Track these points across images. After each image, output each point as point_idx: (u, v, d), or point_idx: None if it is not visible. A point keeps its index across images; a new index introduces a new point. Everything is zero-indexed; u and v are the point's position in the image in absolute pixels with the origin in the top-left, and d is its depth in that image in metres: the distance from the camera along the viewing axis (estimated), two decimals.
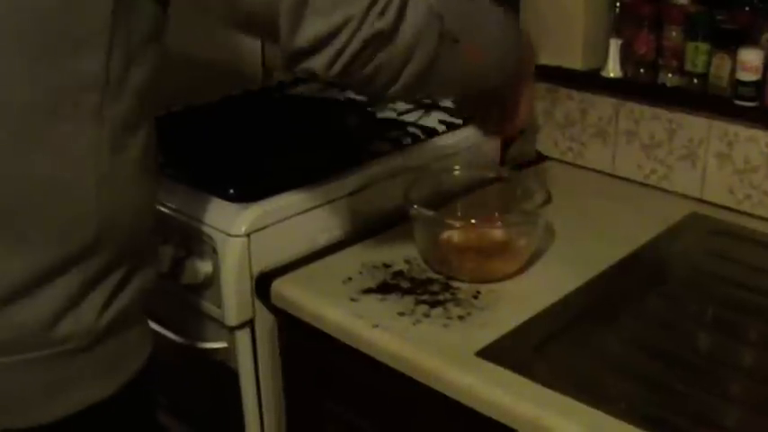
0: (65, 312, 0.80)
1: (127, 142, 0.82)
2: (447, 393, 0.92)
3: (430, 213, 1.09)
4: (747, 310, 1.09)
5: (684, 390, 0.91)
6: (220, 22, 0.97)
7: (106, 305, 0.83)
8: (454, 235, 1.10)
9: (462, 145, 1.40)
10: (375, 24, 0.76)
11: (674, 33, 1.29)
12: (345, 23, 0.75)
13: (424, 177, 1.19)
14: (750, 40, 1.21)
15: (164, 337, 1.22)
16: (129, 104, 0.80)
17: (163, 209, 1.19)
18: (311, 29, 0.75)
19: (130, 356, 0.89)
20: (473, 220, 1.13)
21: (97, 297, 0.82)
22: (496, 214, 1.17)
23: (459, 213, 1.18)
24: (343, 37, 0.76)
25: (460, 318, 1.00)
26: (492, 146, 1.46)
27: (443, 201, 1.18)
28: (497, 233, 1.11)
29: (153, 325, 1.23)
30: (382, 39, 0.77)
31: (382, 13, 0.76)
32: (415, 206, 1.09)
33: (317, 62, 0.77)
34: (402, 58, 0.80)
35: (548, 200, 1.10)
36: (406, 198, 1.11)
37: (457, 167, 1.26)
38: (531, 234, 1.10)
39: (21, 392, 0.80)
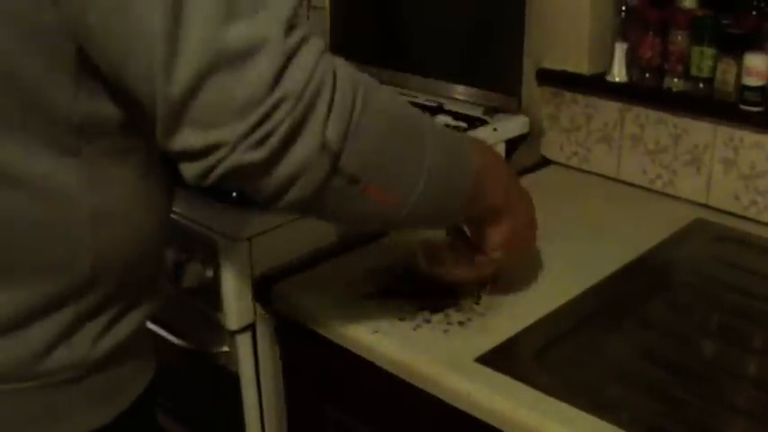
0: (57, 344, 0.78)
1: (115, 175, 0.78)
2: (446, 400, 0.91)
3: None
4: (752, 318, 1.08)
5: (688, 399, 0.91)
6: None
7: (101, 336, 0.82)
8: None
9: None
10: (246, 156, 0.70)
11: (679, 38, 1.28)
12: (216, 147, 0.69)
13: None
14: (756, 44, 1.20)
15: (165, 340, 1.22)
16: (109, 139, 0.76)
17: None
18: (183, 140, 0.70)
19: (128, 386, 0.88)
20: None
21: (92, 329, 0.81)
22: None
23: None
24: (212, 159, 0.70)
25: (461, 323, 1.00)
26: (496, 150, 1.45)
27: None
28: None
29: (154, 328, 1.24)
30: (254, 168, 0.71)
31: (259, 144, 0.69)
32: None
33: (188, 171, 0.73)
34: (277, 188, 0.74)
35: None
36: None
37: None
38: None
39: (14, 420, 0.79)
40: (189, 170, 0.72)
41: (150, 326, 1.23)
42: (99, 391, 0.84)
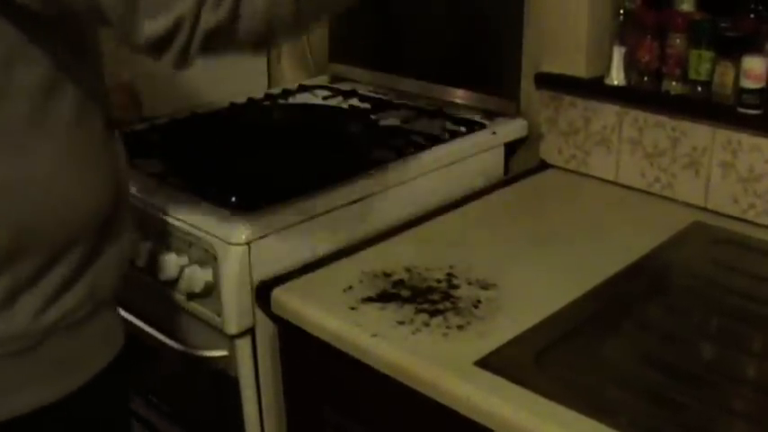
0: None
1: (29, 144, 0.78)
2: (445, 403, 0.92)
3: None
4: (751, 321, 1.08)
5: (687, 402, 0.91)
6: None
7: (45, 307, 0.81)
8: None
9: (466, 153, 1.40)
10: (210, 20, 0.71)
11: (677, 41, 1.28)
12: (179, 25, 0.71)
13: None
14: (754, 47, 1.20)
15: (164, 344, 1.22)
16: (20, 105, 0.77)
17: (164, 217, 1.19)
18: (148, 32, 0.72)
19: (86, 360, 0.88)
20: None
21: (32, 300, 0.81)
22: None
23: None
24: (181, 38, 0.72)
25: (460, 327, 1.00)
26: (495, 154, 1.46)
27: None
28: None
29: (154, 332, 1.24)
30: (225, 29, 0.73)
31: (217, 4, 0.71)
32: None
33: (168, 59, 0.74)
34: (261, 36, 0.75)
35: None
36: None
37: None
38: None
39: None
40: (169, 58, 0.73)
41: (148, 329, 1.24)
42: (50, 364, 0.83)
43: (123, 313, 1.28)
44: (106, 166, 0.87)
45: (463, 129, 1.44)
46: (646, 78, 1.34)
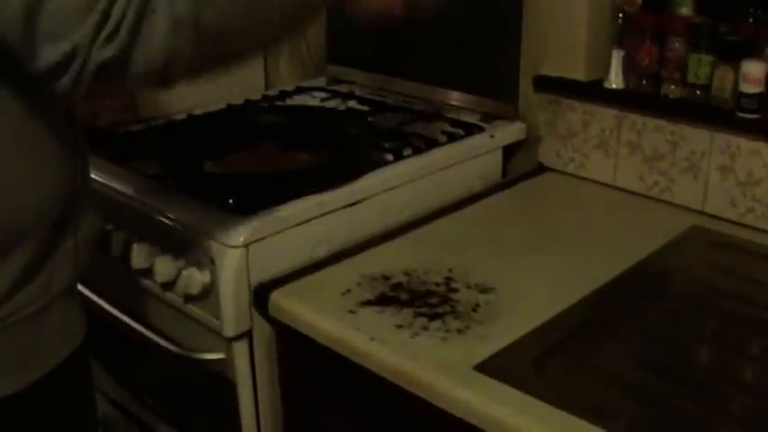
0: None
1: None
2: (444, 407, 0.91)
3: None
4: (749, 325, 1.08)
5: (685, 406, 0.91)
6: None
7: None
8: None
9: (464, 156, 1.40)
10: (102, 54, 0.72)
11: (677, 45, 1.28)
12: (73, 54, 0.72)
13: None
14: (753, 52, 1.20)
15: (161, 347, 1.22)
16: None
17: (161, 219, 1.19)
18: (45, 58, 0.73)
19: (44, 353, 0.88)
20: None
21: None
22: None
23: None
24: (75, 66, 0.73)
25: (459, 331, 0.99)
26: (493, 157, 1.45)
27: None
28: None
29: (150, 334, 1.23)
30: (116, 63, 0.73)
31: (109, 40, 0.72)
32: None
33: (62, 87, 0.75)
34: (153, 74, 0.75)
35: None
36: None
37: None
38: None
39: None
40: (62, 86, 0.74)
41: (145, 331, 1.24)
42: (4, 357, 0.84)
43: (121, 315, 1.28)
44: (60, 160, 0.86)
45: (461, 132, 1.43)
46: (645, 82, 1.33)
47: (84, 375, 0.98)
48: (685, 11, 1.29)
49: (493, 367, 0.93)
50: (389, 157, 1.32)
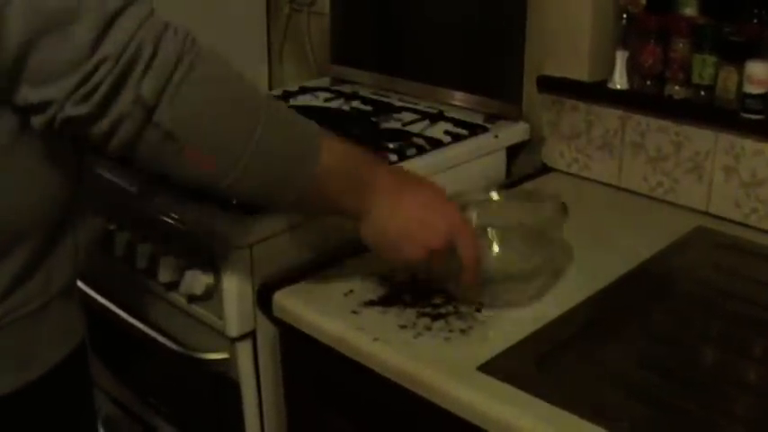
0: None
1: None
2: (448, 408, 0.91)
3: None
4: (753, 326, 1.08)
5: (689, 407, 0.90)
6: None
7: None
8: None
9: (467, 156, 1.40)
10: (73, 110, 0.77)
11: (681, 45, 1.28)
12: (49, 102, 0.77)
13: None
14: (757, 52, 1.20)
15: (165, 347, 1.22)
16: None
17: (165, 219, 1.19)
18: (24, 96, 0.78)
19: (41, 353, 0.89)
20: None
21: None
22: None
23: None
24: (49, 112, 0.78)
25: (462, 331, 0.99)
26: (497, 158, 1.45)
27: None
28: None
29: (154, 334, 1.24)
30: (82, 120, 0.79)
31: (83, 100, 0.77)
32: None
33: (35, 122, 0.80)
34: (103, 136, 0.80)
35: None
36: None
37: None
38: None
39: None
40: (35, 121, 0.79)
41: (149, 331, 1.24)
42: (3, 355, 0.85)
43: (125, 315, 1.28)
44: (60, 161, 0.88)
45: (465, 132, 1.43)
46: (648, 82, 1.33)
47: (83, 375, 0.98)
48: (689, 11, 1.29)
49: (496, 367, 0.93)
50: (393, 157, 1.32)
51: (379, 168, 0.99)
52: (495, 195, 1.16)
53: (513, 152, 1.48)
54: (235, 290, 1.11)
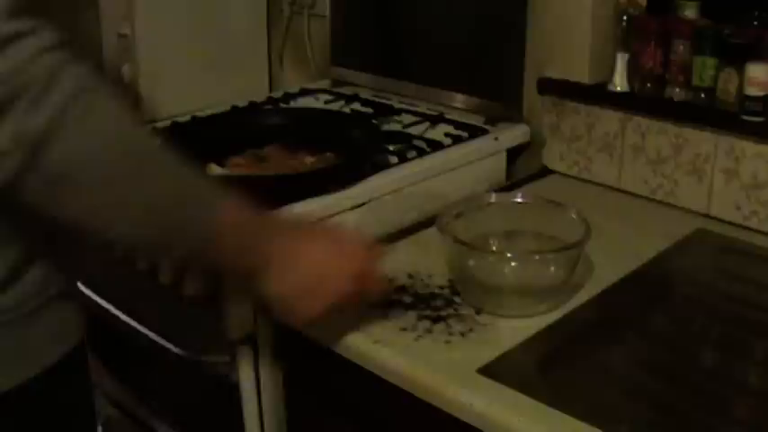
0: None
1: None
2: (448, 410, 0.91)
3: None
4: (754, 328, 1.07)
5: (689, 410, 0.90)
6: None
7: None
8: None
9: (468, 159, 1.40)
10: None
11: (681, 48, 1.28)
12: None
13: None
14: (758, 54, 1.20)
15: (165, 349, 1.22)
16: None
17: None
18: None
19: (37, 352, 0.88)
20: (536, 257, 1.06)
21: None
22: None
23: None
24: None
25: (463, 334, 0.99)
26: (497, 160, 1.45)
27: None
28: None
29: (154, 337, 1.24)
30: None
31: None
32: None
33: None
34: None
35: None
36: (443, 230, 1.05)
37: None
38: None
39: None
40: None
41: (149, 334, 1.24)
42: None
43: (125, 317, 1.28)
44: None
45: (465, 134, 1.43)
46: (649, 85, 1.33)
47: (81, 376, 0.98)
48: (689, 13, 1.29)
49: (497, 370, 0.93)
50: (394, 159, 1.32)
51: (275, 227, 0.95)
52: (518, 198, 1.17)
53: (513, 154, 1.48)
54: (235, 292, 1.11)
